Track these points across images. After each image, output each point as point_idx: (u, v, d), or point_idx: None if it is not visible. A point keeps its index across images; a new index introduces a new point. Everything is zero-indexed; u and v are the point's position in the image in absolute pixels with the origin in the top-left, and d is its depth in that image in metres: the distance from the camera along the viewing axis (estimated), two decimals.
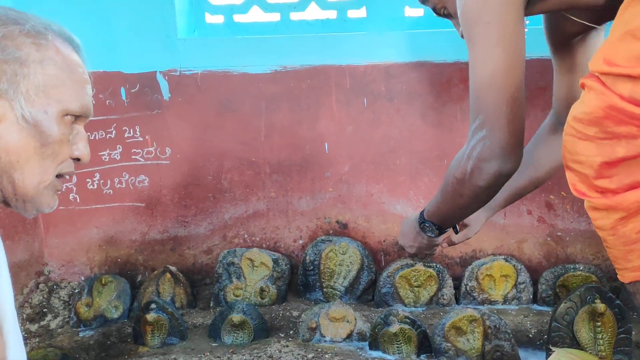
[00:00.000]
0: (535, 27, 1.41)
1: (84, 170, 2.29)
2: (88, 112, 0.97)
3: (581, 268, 2.10)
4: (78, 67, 0.95)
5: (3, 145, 0.87)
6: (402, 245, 1.54)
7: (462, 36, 1.37)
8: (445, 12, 1.35)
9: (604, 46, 0.93)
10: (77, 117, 0.94)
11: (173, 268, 2.24)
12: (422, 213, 1.40)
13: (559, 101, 1.45)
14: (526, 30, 1.18)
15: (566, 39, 1.42)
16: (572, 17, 1.25)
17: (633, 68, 0.86)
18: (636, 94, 0.87)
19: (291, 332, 2.01)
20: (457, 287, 2.19)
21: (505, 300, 2.13)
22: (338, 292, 2.20)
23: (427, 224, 1.39)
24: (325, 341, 1.89)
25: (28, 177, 0.90)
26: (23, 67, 0.87)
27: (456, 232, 1.54)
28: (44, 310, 2.26)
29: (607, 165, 0.91)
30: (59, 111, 0.90)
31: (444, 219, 1.36)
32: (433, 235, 1.41)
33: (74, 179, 2.30)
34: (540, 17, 1.38)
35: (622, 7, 0.92)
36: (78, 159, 0.97)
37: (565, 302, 1.73)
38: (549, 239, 2.23)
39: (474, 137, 1.10)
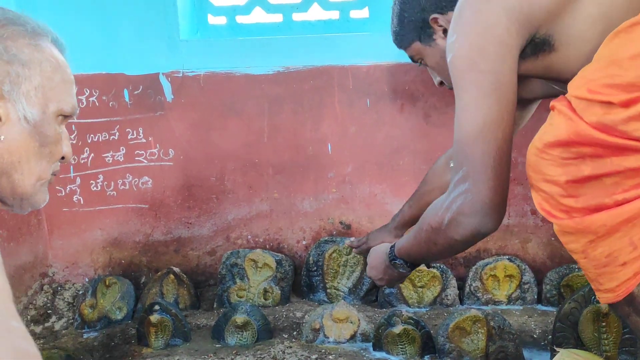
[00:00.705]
0: None
1: (88, 172, 2.30)
2: (76, 112, 1.00)
3: None
4: (67, 68, 0.98)
5: (6, 146, 0.89)
6: (371, 277, 1.52)
7: (439, 84, 1.37)
8: (422, 62, 1.36)
9: (587, 72, 0.92)
10: (64, 117, 0.96)
11: (177, 269, 2.24)
12: (392, 248, 1.38)
13: None
14: None
15: (525, 101, 1.48)
16: (554, 86, 1.27)
17: (614, 96, 0.86)
18: (605, 119, 0.87)
19: (295, 333, 2.01)
20: (461, 288, 2.19)
21: (510, 301, 2.13)
22: (342, 293, 2.20)
23: (398, 262, 1.37)
24: (329, 342, 1.89)
25: (27, 177, 0.92)
26: (25, 69, 0.88)
27: (429, 268, 1.54)
28: (49, 311, 2.27)
29: (574, 183, 0.91)
30: (55, 111, 0.93)
31: (415, 259, 1.34)
32: (404, 271, 1.40)
33: (78, 180, 2.31)
34: None
35: (608, 37, 0.92)
36: (62, 158, 1.00)
37: (569, 303, 1.73)
38: (553, 239, 2.23)
39: (455, 189, 1.06)
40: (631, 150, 0.86)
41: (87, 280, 2.37)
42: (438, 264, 2.15)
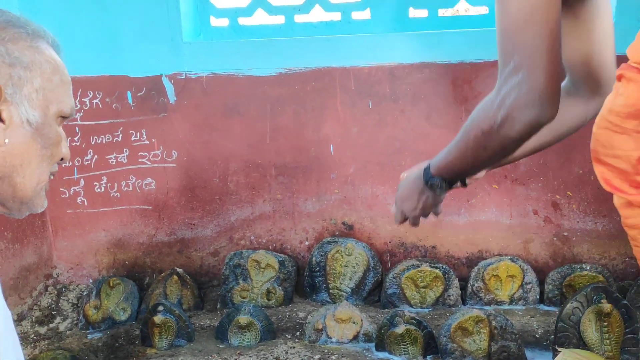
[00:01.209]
0: None
1: (91, 173, 2.32)
2: (74, 113, 0.99)
3: (588, 268, 2.10)
4: (64, 69, 0.96)
5: (9, 149, 0.88)
6: (403, 209, 1.36)
7: None
8: None
9: None
10: (63, 118, 0.96)
11: (180, 270, 2.25)
12: (426, 170, 1.27)
13: (574, 67, 1.30)
14: None
15: None
16: None
17: None
18: None
19: (298, 333, 2.02)
20: (463, 288, 2.19)
21: (512, 301, 2.13)
22: (344, 294, 2.20)
23: (436, 181, 1.26)
24: (331, 342, 1.90)
25: (28, 180, 0.92)
26: (26, 71, 0.88)
27: (465, 186, 1.40)
28: (53, 312, 2.28)
29: None
30: (55, 113, 0.92)
31: (457, 174, 1.24)
32: (441, 192, 1.28)
33: (82, 182, 2.33)
34: None
35: None
36: (61, 159, 0.99)
37: (571, 302, 1.73)
38: (555, 239, 2.23)
39: (506, 83, 0.97)
40: None
41: (91, 281, 2.39)
42: (441, 264, 2.16)
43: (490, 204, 2.24)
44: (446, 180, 1.25)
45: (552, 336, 1.83)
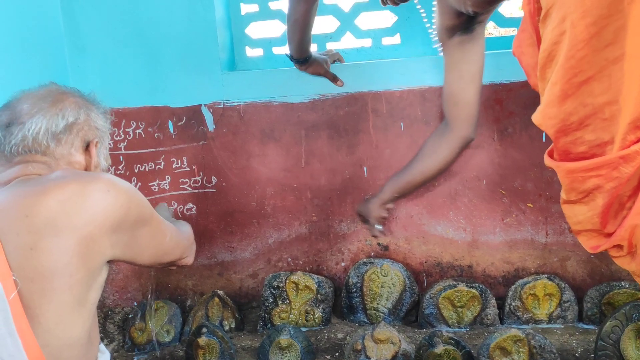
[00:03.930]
0: None
1: None
2: None
3: (627, 285, 2.08)
4: None
5: None
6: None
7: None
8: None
9: None
10: None
11: (221, 292, 2.32)
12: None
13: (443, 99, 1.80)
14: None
15: (450, 31, 1.59)
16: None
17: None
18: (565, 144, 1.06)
19: (337, 354, 2.05)
20: (500, 307, 2.20)
21: (550, 319, 2.13)
22: (382, 314, 2.23)
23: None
24: None
25: None
26: (104, 135, 1.35)
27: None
28: (101, 335, 2.37)
29: (604, 214, 1.06)
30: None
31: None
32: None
33: None
34: None
35: None
36: None
37: (610, 321, 1.73)
38: (592, 256, 2.22)
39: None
40: None
41: (135, 304, 2.47)
42: (477, 284, 2.17)
43: (525, 222, 2.25)
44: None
45: (592, 355, 1.82)
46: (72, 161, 1.24)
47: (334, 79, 2.20)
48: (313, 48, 2.42)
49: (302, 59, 2.11)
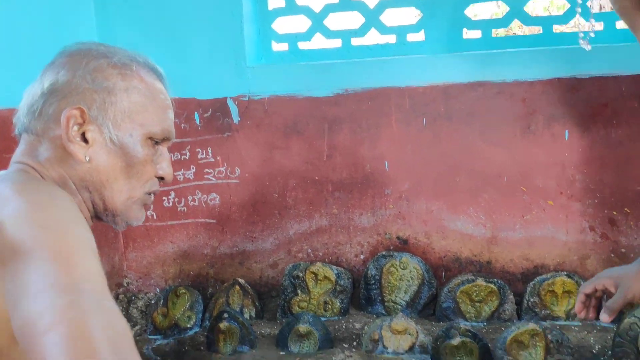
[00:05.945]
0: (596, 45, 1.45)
1: (161, 189, 2.47)
2: (170, 135, 1.08)
3: None
4: (160, 94, 1.07)
5: (94, 166, 0.99)
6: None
7: None
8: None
9: None
10: (161, 140, 1.06)
11: (242, 280, 2.37)
12: None
13: None
14: (589, 48, 1.17)
15: None
16: None
17: None
18: None
19: (355, 343, 2.08)
20: (518, 303, 2.21)
21: (568, 317, 2.13)
22: (399, 306, 2.26)
23: None
24: (388, 353, 1.96)
25: (116, 194, 1.02)
26: (110, 96, 0.98)
27: None
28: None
29: None
30: (143, 134, 1.01)
31: None
32: None
33: (152, 197, 2.49)
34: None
35: None
36: (162, 178, 1.09)
37: (628, 318, 1.74)
38: (612, 255, 2.22)
39: None
40: None
41: (158, 290, 2.54)
42: (495, 279, 2.18)
43: (546, 220, 2.26)
44: None
45: (610, 351, 1.83)
46: (52, 137, 0.97)
47: None
48: (337, 44, 2.47)
49: None
